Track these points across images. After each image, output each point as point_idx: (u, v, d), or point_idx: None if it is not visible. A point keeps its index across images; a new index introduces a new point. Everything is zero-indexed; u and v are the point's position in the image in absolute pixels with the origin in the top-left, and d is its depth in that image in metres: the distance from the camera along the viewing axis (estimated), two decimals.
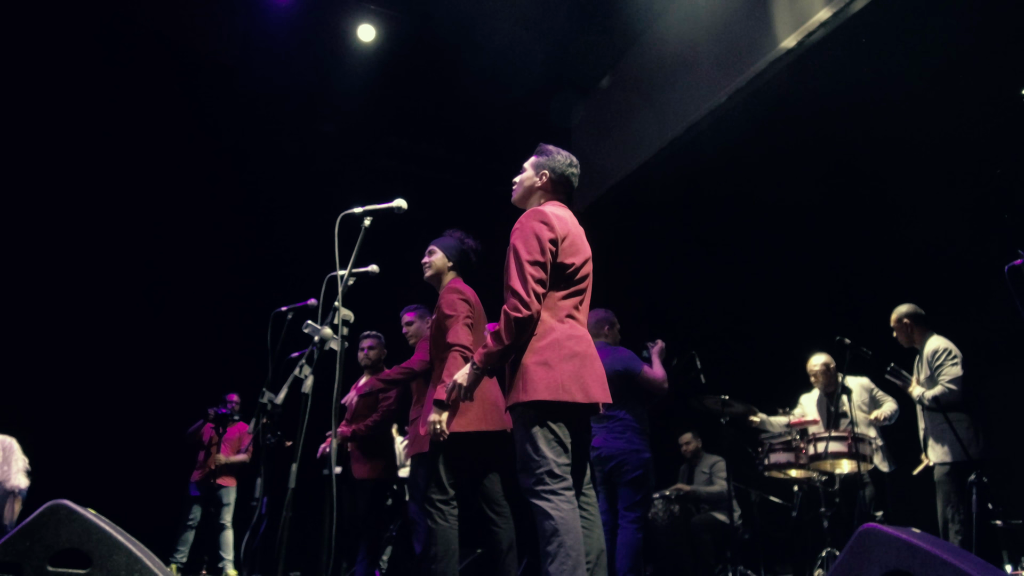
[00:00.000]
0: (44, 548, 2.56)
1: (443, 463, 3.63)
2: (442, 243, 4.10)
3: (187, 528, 7.03)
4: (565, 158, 3.19)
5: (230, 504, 7.23)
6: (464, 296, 3.79)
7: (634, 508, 4.73)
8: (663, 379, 4.91)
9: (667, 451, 6.94)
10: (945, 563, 2.34)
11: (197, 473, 7.13)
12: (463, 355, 3.54)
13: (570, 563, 2.58)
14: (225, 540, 7.10)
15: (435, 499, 3.60)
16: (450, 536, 3.58)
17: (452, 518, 3.61)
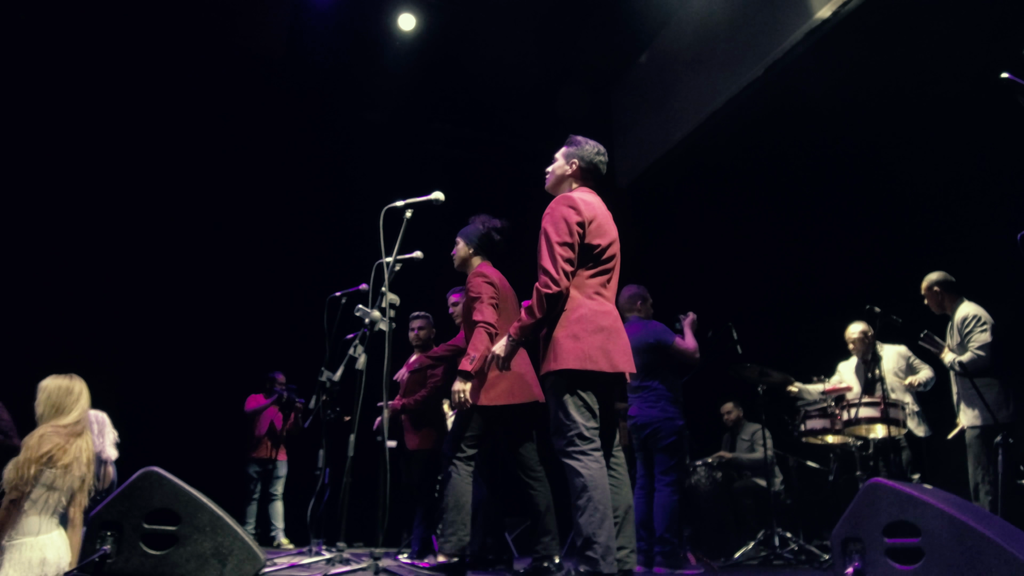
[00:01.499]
0: (140, 508, 2.94)
1: (473, 430, 3.91)
2: (463, 233, 4.35)
3: (252, 500, 7.50)
4: (593, 147, 3.43)
5: (283, 477, 7.69)
6: (488, 279, 4.05)
7: (669, 472, 4.97)
8: (694, 350, 5.12)
9: (709, 420, 7.15)
10: (944, 514, 2.55)
11: (264, 449, 7.57)
12: (487, 331, 3.82)
13: (598, 515, 2.87)
14: (277, 511, 7.57)
15: (452, 455, 3.90)
16: (461, 490, 3.86)
17: (467, 474, 3.90)
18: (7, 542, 3.65)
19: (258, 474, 7.55)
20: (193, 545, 2.94)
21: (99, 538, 2.91)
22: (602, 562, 2.84)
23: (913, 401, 5.53)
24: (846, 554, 2.82)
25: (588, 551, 2.86)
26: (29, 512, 3.67)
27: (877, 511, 2.73)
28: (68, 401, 3.91)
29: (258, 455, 7.57)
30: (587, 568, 2.85)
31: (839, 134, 6.72)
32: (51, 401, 3.88)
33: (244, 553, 2.98)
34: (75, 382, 3.99)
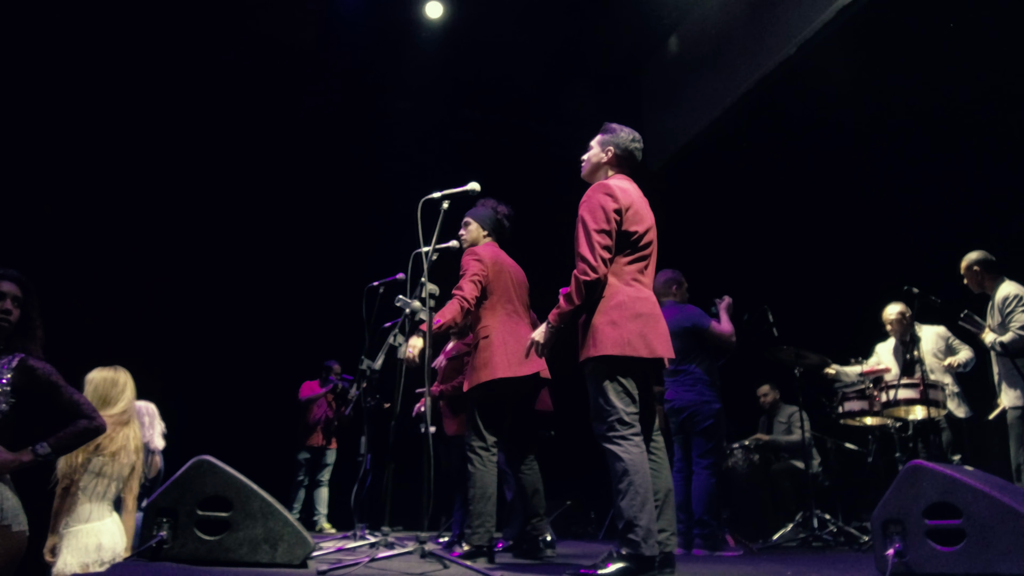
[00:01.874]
0: (193, 496, 3.03)
1: (480, 414, 3.97)
2: (475, 213, 4.40)
3: (299, 486, 7.68)
4: (628, 134, 3.45)
5: (331, 464, 7.86)
6: (478, 257, 4.13)
7: (707, 455, 5.00)
8: (730, 333, 5.12)
9: (746, 403, 7.15)
10: (985, 495, 2.55)
11: (316, 437, 7.74)
12: (460, 303, 3.97)
13: (639, 499, 2.91)
14: (322, 496, 7.77)
15: (475, 446, 3.96)
16: (487, 480, 3.92)
17: (491, 464, 3.96)
18: (64, 529, 3.79)
19: (307, 461, 7.73)
20: (245, 530, 3.03)
21: (156, 524, 3.00)
22: (643, 544, 2.89)
23: (953, 382, 5.49)
24: (886, 536, 2.83)
25: (630, 534, 2.90)
26: (82, 500, 3.81)
27: (917, 493, 2.73)
28: (114, 392, 4.05)
29: (310, 442, 7.73)
30: (629, 550, 2.90)
31: (873, 112, 6.63)
32: (98, 393, 4.02)
33: (294, 538, 3.07)
34: (120, 374, 4.13)
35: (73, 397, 2.77)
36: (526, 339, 3.99)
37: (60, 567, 3.73)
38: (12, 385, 2.68)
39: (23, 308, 2.83)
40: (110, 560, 3.78)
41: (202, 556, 2.99)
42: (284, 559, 3.04)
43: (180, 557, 2.98)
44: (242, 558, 3.01)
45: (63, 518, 3.81)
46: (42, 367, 2.76)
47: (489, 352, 3.95)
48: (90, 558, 3.75)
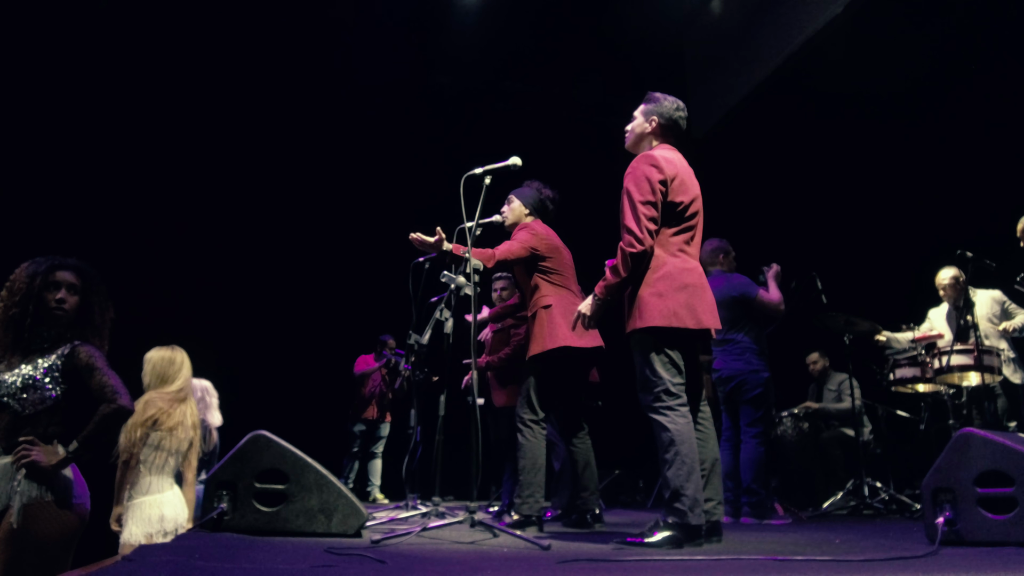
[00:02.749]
0: (251, 469, 3.14)
1: (534, 386, 4.00)
2: (520, 193, 4.39)
3: (353, 458, 7.87)
4: (672, 103, 3.41)
5: (384, 437, 8.03)
6: (533, 231, 4.13)
7: (755, 424, 4.99)
8: (779, 301, 5.07)
9: (795, 371, 7.09)
10: None
11: (371, 410, 7.90)
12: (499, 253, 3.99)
13: (685, 469, 2.93)
14: (375, 468, 7.95)
15: (526, 418, 3.99)
16: (537, 452, 3.95)
17: (541, 435, 3.98)
18: (128, 501, 3.96)
19: (362, 433, 7.91)
20: (301, 502, 3.13)
21: (216, 497, 3.12)
22: (690, 513, 2.91)
23: (1009, 347, 5.36)
24: (936, 504, 2.81)
25: (676, 503, 2.93)
26: (144, 473, 3.97)
27: (969, 461, 2.70)
28: (171, 371, 4.19)
29: (365, 415, 7.90)
30: (676, 519, 2.92)
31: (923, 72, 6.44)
32: (156, 371, 4.17)
33: (348, 509, 3.16)
34: (177, 353, 4.27)
35: (101, 381, 2.75)
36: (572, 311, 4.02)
37: (126, 537, 3.90)
38: (62, 371, 2.75)
39: (82, 296, 2.90)
40: (172, 530, 3.94)
41: (260, 527, 3.10)
42: (339, 529, 3.14)
43: (240, 527, 3.10)
44: (298, 528, 3.12)
45: (126, 490, 3.97)
46: (86, 351, 2.79)
47: (552, 321, 3.94)
48: (153, 528, 3.91)
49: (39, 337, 2.84)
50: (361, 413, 7.90)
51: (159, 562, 2.10)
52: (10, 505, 2.61)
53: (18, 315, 2.81)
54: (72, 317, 2.86)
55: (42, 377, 2.72)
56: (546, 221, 4.37)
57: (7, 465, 2.65)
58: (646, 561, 2.42)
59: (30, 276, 2.86)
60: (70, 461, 2.68)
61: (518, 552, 2.74)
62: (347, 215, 8.65)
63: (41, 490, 2.63)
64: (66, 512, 2.67)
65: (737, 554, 2.63)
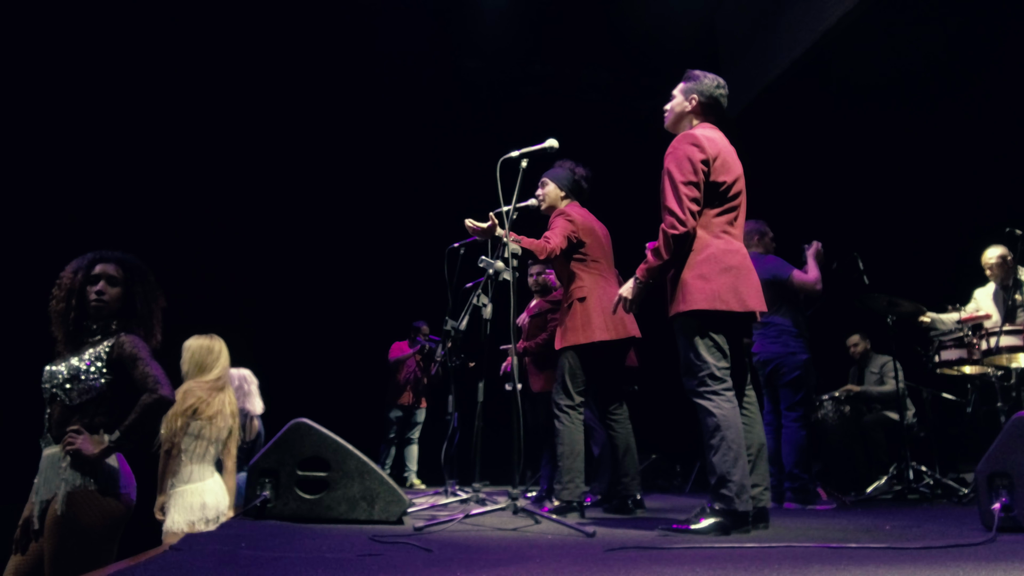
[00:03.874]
0: (293, 457, 3.15)
1: (569, 372, 3.97)
2: (553, 174, 4.33)
3: (390, 444, 7.91)
4: (712, 81, 3.33)
5: (421, 423, 8.07)
6: (569, 216, 4.09)
7: (795, 408, 4.90)
8: (815, 281, 4.95)
9: (835, 354, 6.96)
10: None
11: (407, 396, 7.94)
12: (544, 243, 3.92)
13: (731, 455, 2.87)
14: (412, 453, 7.99)
15: (562, 404, 3.97)
16: (575, 437, 3.93)
17: (578, 421, 3.97)
18: (171, 489, 4.00)
19: (398, 419, 7.95)
20: (343, 489, 3.13)
21: (259, 484, 3.13)
22: (737, 500, 2.85)
23: None
24: (992, 490, 2.73)
25: (722, 489, 2.87)
26: (185, 461, 4.01)
27: None
28: (210, 359, 4.22)
29: (401, 401, 7.94)
30: (722, 506, 2.87)
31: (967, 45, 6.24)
32: (194, 360, 4.20)
33: (390, 495, 3.16)
34: (215, 342, 4.30)
35: (144, 371, 2.75)
36: None
37: (169, 524, 3.95)
38: (107, 361, 2.77)
39: (124, 287, 2.92)
40: (214, 518, 3.98)
41: (303, 514, 3.11)
42: (381, 516, 3.14)
43: (283, 515, 3.11)
44: (341, 515, 3.12)
45: (169, 479, 4.01)
46: (129, 340, 2.80)
47: (587, 314, 3.94)
48: (195, 516, 3.95)
49: (86, 330, 2.88)
50: (397, 399, 7.94)
51: (206, 551, 2.10)
52: (57, 493, 2.63)
53: (65, 310, 2.87)
54: (115, 309, 2.89)
55: (87, 368, 2.74)
56: (581, 201, 4.33)
57: (56, 454, 2.69)
58: (695, 549, 2.37)
59: (74, 271, 2.92)
60: (113, 450, 2.70)
61: (563, 539, 2.72)
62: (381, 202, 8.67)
63: (85, 479, 2.65)
64: (110, 501, 2.69)
65: (787, 541, 2.57)
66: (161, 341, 3.03)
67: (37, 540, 2.68)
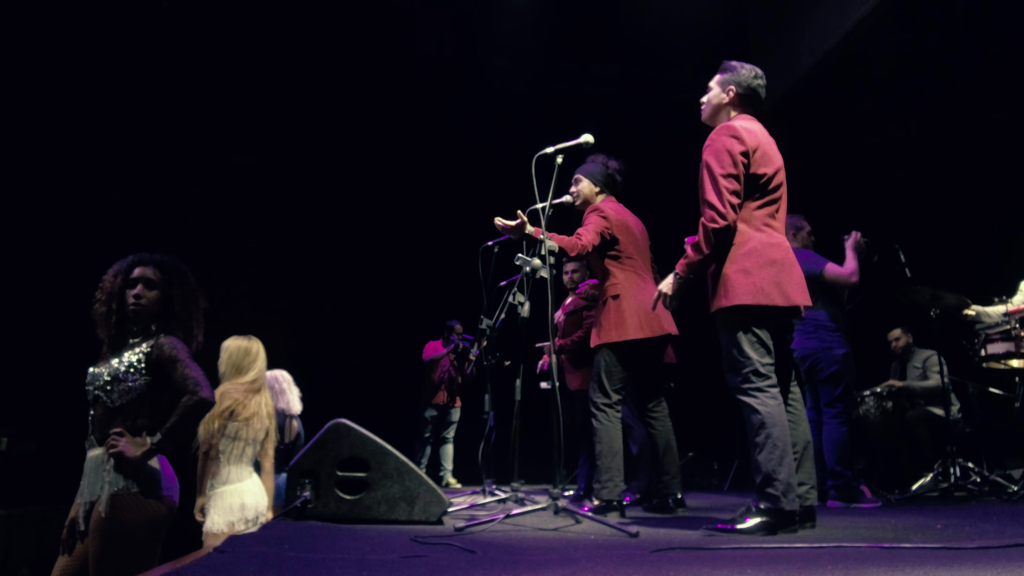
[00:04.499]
0: (332, 457, 3.14)
1: (604, 370, 3.92)
2: (586, 170, 4.29)
3: (425, 443, 7.92)
4: (750, 71, 3.26)
5: (456, 422, 8.06)
6: (603, 213, 4.05)
7: (834, 404, 4.81)
8: (849, 273, 4.85)
9: (877, 348, 6.82)
10: None
11: (441, 395, 7.94)
12: (576, 241, 3.88)
13: (777, 452, 2.80)
14: (447, 453, 7.99)
15: (599, 402, 3.92)
16: (613, 435, 3.89)
17: (616, 419, 3.92)
18: (210, 491, 4.03)
19: (433, 418, 7.96)
20: (383, 489, 3.12)
21: (299, 485, 3.13)
22: (783, 499, 2.79)
23: None
24: None
25: (768, 488, 2.81)
26: (223, 463, 4.04)
27: None
28: (246, 361, 4.24)
29: (436, 400, 7.95)
30: (768, 505, 2.81)
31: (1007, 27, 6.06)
32: (232, 361, 4.23)
33: (430, 496, 3.14)
34: (253, 343, 4.32)
35: (184, 372, 2.75)
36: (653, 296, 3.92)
37: (209, 525, 3.97)
38: (146, 363, 2.78)
39: (162, 289, 2.93)
40: (253, 519, 3.99)
41: (343, 515, 3.10)
42: (421, 516, 3.12)
43: (323, 516, 3.11)
44: (381, 516, 3.11)
45: (208, 480, 4.04)
46: (168, 342, 2.81)
47: (621, 312, 3.91)
48: (235, 517, 3.97)
49: (127, 332, 2.91)
50: (431, 399, 7.95)
51: (250, 553, 2.09)
52: (101, 495, 2.65)
53: (106, 313, 2.90)
54: (154, 311, 2.90)
55: (126, 369, 2.76)
56: (616, 195, 4.29)
57: (99, 456, 2.71)
58: (743, 549, 2.32)
59: (114, 275, 2.95)
60: (154, 453, 2.71)
61: (606, 540, 2.67)
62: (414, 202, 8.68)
63: (128, 481, 2.66)
64: (152, 503, 2.70)
65: (837, 541, 2.51)
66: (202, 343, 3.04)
67: (83, 541, 2.70)
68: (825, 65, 7.71)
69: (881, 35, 6.96)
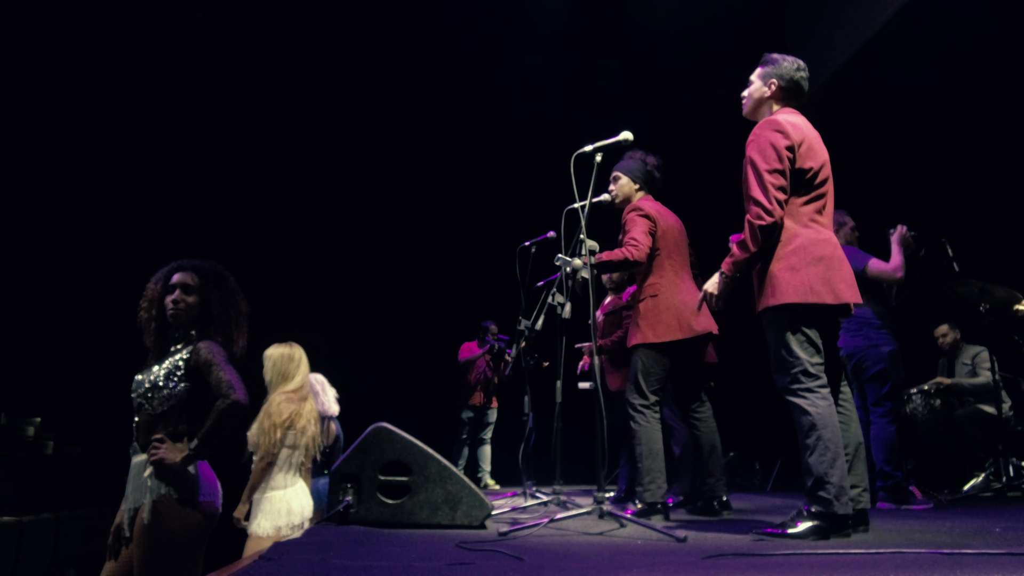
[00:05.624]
0: (374, 462, 3.13)
1: (642, 371, 3.87)
2: (625, 167, 4.23)
3: (463, 444, 7.91)
4: (792, 63, 3.18)
5: (492, 423, 8.04)
6: (643, 212, 3.98)
7: (881, 402, 4.70)
8: (894, 268, 4.71)
9: (924, 345, 6.66)
10: None
11: (478, 396, 7.94)
12: (630, 250, 3.83)
13: (829, 455, 2.72)
14: (485, 454, 7.97)
15: (636, 404, 3.87)
16: (653, 437, 3.83)
17: (655, 420, 3.87)
18: (259, 495, 4.06)
19: (470, 420, 7.95)
20: (425, 493, 3.10)
21: (341, 490, 3.12)
22: (836, 502, 2.71)
23: None
24: None
25: (820, 491, 2.73)
26: (275, 470, 4.07)
27: None
28: (291, 367, 4.27)
29: (472, 401, 7.94)
30: (820, 508, 2.73)
31: None
32: (277, 368, 4.26)
33: (473, 500, 3.11)
34: (295, 349, 4.35)
35: (218, 376, 2.74)
36: (692, 295, 3.86)
37: (254, 529, 4.00)
38: (186, 369, 2.79)
39: (200, 295, 2.93)
40: (299, 523, 4.01)
41: (386, 519, 3.09)
42: (463, 520, 3.09)
43: (366, 520, 3.09)
44: (423, 520, 3.09)
45: (259, 486, 4.07)
46: (205, 347, 2.81)
47: (657, 312, 3.86)
48: (282, 521, 4.00)
49: (169, 338, 2.92)
50: (468, 400, 7.94)
51: (297, 561, 2.08)
52: (144, 502, 2.66)
53: (148, 319, 2.93)
54: (193, 316, 2.91)
55: (167, 376, 2.77)
56: (655, 192, 4.23)
57: (142, 463, 2.72)
58: (799, 556, 2.25)
59: (155, 281, 2.98)
60: (193, 459, 2.70)
61: (654, 545, 2.62)
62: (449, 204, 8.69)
63: (168, 488, 2.66)
64: (192, 509, 2.70)
65: (895, 547, 2.43)
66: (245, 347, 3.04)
67: (128, 547, 2.72)
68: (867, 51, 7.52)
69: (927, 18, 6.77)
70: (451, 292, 8.54)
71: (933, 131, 7.26)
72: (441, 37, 8.36)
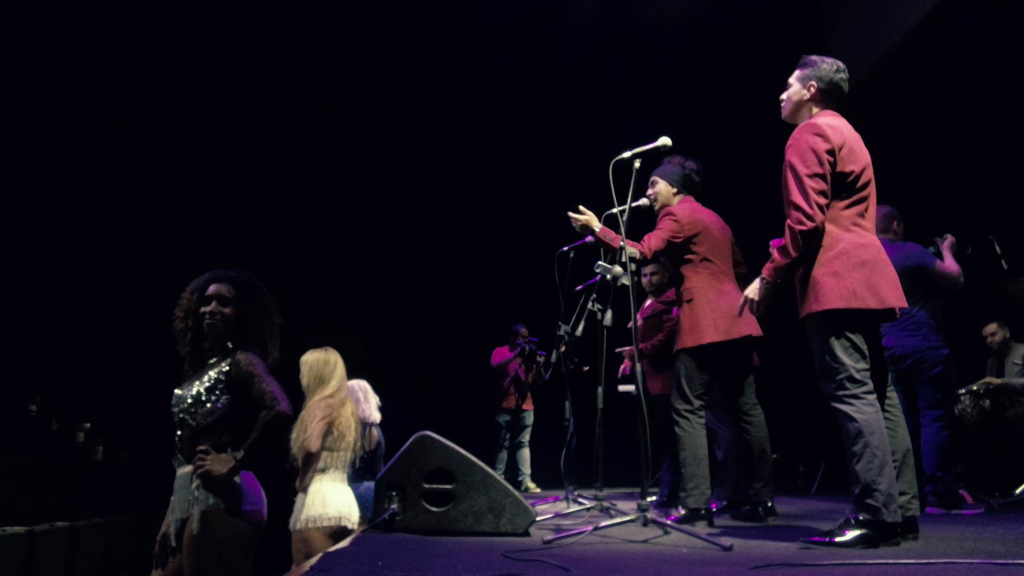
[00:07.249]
0: (419, 470, 3.16)
1: (684, 376, 3.85)
2: (663, 172, 4.22)
3: (501, 448, 7.93)
4: (831, 65, 3.14)
5: (530, 426, 8.05)
6: (675, 216, 3.97)
7: (936, 406, 4.61)
8: (958, 273, 4.64)
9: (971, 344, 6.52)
10: None
11: (511, 399, 7.96)
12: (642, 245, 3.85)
13: (876, 462, 2.69)
14: (524, 457, 7.98)
15: (681, 408, 3.86)
16: (697, 442, 3.82)
17: (699, 425, 3.85)
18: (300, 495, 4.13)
19: (507, 423, 7.97)
20: (469, 501, 3.13)
21: (386, 498, 3.16)
22: (884, 510, 2.67)
23: None
24: None
25: (868, 499, 2.70)
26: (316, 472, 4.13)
27: None
28: (327, 371, 4.32)
29: (507, 405, 7.97)
30: (867, 516, 2.70)
31: None
32: (313, 372, 4.31)
33: (516, 507, 3.13)
34: (330, 354, 4.40)
35: (261, 387, 2.75)
36: (732, 297, 3.83)
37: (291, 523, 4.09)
38: (226, 381, 2.81)
39: (236, 306, 2.96)
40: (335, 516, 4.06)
41: (431, 527, 3.12)
42: (507, 528, 3.11)
43: (411, 528, 3.13)
44: (467, 528, 3.12)
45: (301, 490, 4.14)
46: (245, 358, 2.82)
47: (695, 316, 3.85)
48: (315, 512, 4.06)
49: (206, 351, 2.94)
50: (503, 404, 7.96)
51: (346, 570, 2.11)
52: (191, 513, 2.71)
53: (183, 329, 2.94)
54: (228, 327, 2.92)
55: (208, 390, 2.80)
56: (695, 195, 4.21)
57: (188, 474, 2.76)
58: (849, 566, 2.23)
59: (191, 292, 2.98)
60: (239, 469, 2.73)
61: (700, 553, 2.61)
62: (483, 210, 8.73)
63: (216, 498, 2.70)
64: (239, 519, 2.74)
65: (947, 556, 2.39)
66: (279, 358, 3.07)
67: (175, 556, 2.77)
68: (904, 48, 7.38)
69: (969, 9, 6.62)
70: (483, 297, 8.56)
71: (978, 124, 7.10)
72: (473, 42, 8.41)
